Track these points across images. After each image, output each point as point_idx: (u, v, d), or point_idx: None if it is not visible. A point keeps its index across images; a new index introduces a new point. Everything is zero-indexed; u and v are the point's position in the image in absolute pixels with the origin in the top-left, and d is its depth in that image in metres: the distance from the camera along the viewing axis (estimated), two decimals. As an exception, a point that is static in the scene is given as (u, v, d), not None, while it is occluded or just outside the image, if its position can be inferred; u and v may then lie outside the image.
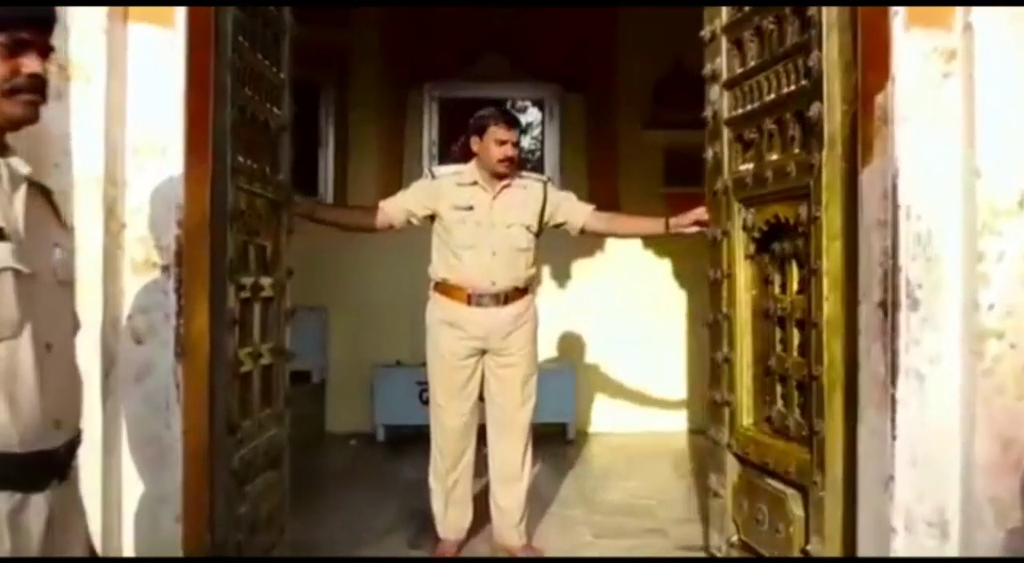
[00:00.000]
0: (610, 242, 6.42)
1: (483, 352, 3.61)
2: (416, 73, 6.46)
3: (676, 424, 6.46)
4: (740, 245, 3.21)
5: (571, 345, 6.44)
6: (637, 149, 6.44)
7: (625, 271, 6.47)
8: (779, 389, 3.07)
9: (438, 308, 3.63)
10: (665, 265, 6.52)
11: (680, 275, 6.50)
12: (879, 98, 2.40)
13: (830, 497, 2.62)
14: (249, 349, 2.91)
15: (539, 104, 6.64)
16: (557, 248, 6.33)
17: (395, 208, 3.69)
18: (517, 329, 3.62)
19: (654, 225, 3.87)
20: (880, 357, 2.36)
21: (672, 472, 5.32)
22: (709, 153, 3.43)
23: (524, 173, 3.83)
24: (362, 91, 6.48)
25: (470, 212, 3.54)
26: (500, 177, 3.59)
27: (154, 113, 2.33)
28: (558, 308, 6.39)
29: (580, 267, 6.47)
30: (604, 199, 6.47)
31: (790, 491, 2.82)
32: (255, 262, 3.01)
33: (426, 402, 5.89)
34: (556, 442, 6.02)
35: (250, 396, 2.94)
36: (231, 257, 2.69)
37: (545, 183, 3.81)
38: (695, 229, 3.58)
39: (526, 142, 7.05)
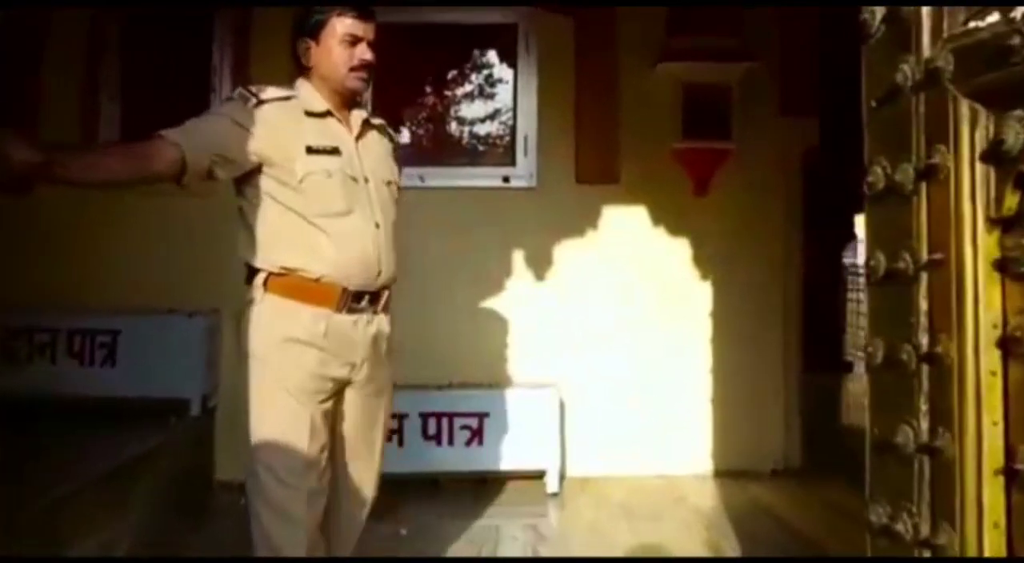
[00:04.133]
0: (606, 218, 4.59)
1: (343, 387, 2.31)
2: (342, -11, 4.55)
3: (695, 466, 4.59)
4: (974, 197, 1.37)
5: (554, 360, 4.55)
6: (645, 89, 4.56)
7: (626, 258, 4.63)
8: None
9: (282, 318, 2.20)
10: (683, 249, 4.64)
11: (703, 263, 4.63)
12: None
13: None
14: None
15: (511, 32, 4.72)
16: (532, 226, 4.54)
17: (191, 146, 2.11)
18: (386, 346, 2.38)
19: None
20: None
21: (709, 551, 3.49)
22: (872, 16, 1.58)
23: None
24: (270, 17, 4.57)
25: (336, 158, 2.23)
26: (352, 99, 2.32)
27: None
28: (536, 309, 4.57)
29: (565, 253, 4.61)
30: (600, 160, 4.70)
31: None
32: None
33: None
34: (534, 497, 4.18)
35: None
36: None
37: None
38: None
39: (482, 106, 5.13)
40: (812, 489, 4.29)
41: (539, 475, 4.27)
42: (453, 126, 5.23)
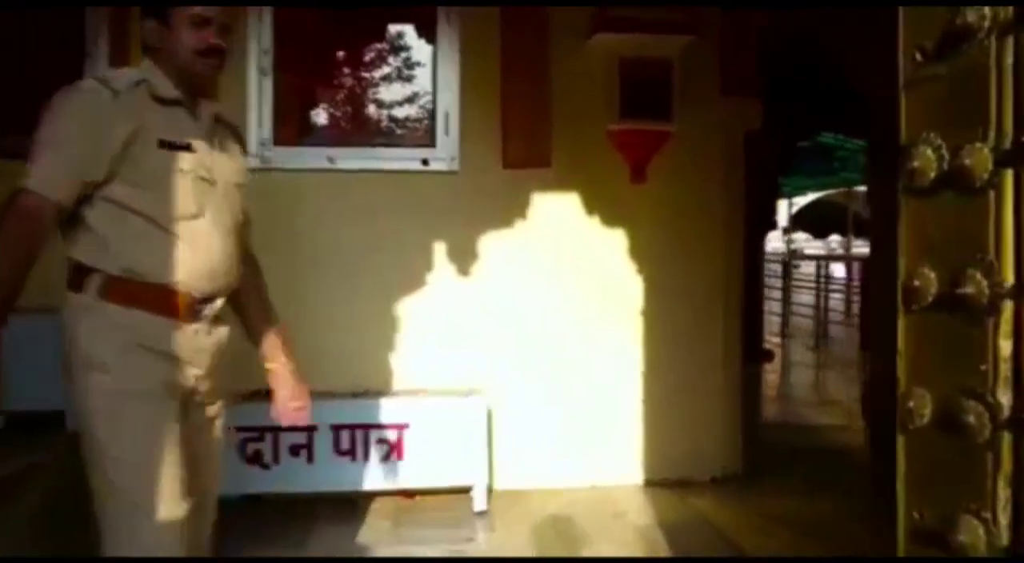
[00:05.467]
0: (536, 206, 4.08)
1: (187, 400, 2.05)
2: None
3: (631, 475, 4.12)
4: None
5: (479, 363, 4.02)
6: (578, 64, 4.02)
7: (558, 250, 4.11)
8: None
9: (129, 327, 1.90)
10: (618, 239, 4.14)
11: (640, 255, 4.14)
12: None
13: None
14: None
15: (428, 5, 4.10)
16: (454, 214, 3.98)
17: (62, 189, 1.85)
18: (225, 360, 2.11)
19: (263, 327, 2.23)
20: None
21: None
22: None
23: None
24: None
25: (189, 156, 1.95)
26: (200, 87, 2.03)
27: None
28: (458, 307, 4.04)
29: (491, 244, 4.06)
30: (529, 142, 4.10)
31: None
32: None
33: (254, 459, 3.56)
34: (460, 517, 3.65)
35: None
36: None
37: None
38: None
39: (400, 86, 4.54)
40: (754, 499, 3.86)
41: (465, 490, 3.74)
42: (367, 104, 4.62)
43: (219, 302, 2.02)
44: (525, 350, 4.05)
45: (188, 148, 1.94)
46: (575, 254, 4.10)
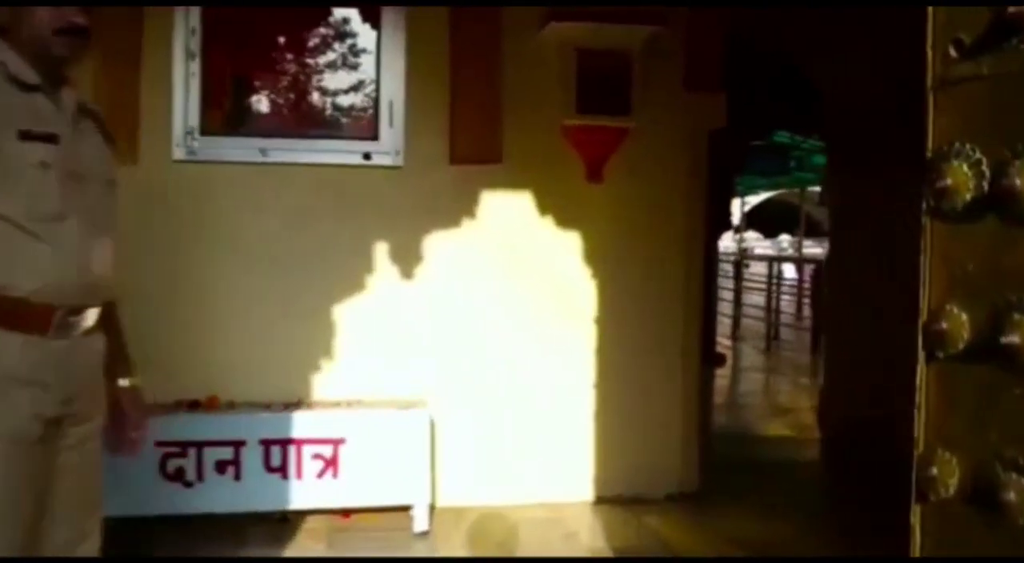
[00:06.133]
0: (486, 205, 3.89)
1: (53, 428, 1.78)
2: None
3: (583, 492, 3.95)
4: None
5: (423, 373, 3.81)
6: (532, 55, 3.82)
7: (508, 252, 3.93)
8: None
9: None
10: (573, 242, 3.96)
11: (595, 258, 3.97)
12: None
13: None
14: None
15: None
16: (397, 213, 3.76)
17: None
18: (100, 376, 1.89)
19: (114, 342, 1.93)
20: None
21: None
22: None
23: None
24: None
25: (53, 148, 1.70)
26: (59, 72, 1.77)
27: None
28: (401, 313, 3.82)
29: (436, 246, 3.85)
30: (479, 136, 3.89)
31: None
32: None
33: (175, 477, 3.33)
34: (399, 539, 3.45)
35: None
36: None
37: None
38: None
39: (344, 73, 4.29)
40: (710, 518, 3.71)
41: (405, 508, 3.53)
42: (305, 92, 4.34)
43: (92, 313, 1.78)
44: (472, 358, 3.85)
45: (52, 139, 1.69)
46: (527, 256, 3.90)
